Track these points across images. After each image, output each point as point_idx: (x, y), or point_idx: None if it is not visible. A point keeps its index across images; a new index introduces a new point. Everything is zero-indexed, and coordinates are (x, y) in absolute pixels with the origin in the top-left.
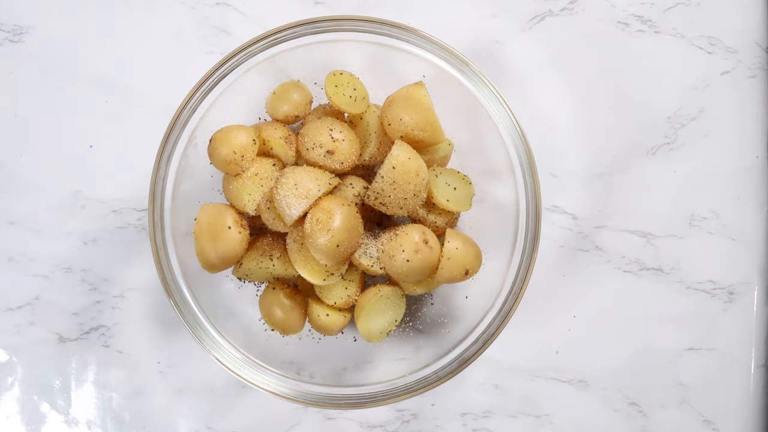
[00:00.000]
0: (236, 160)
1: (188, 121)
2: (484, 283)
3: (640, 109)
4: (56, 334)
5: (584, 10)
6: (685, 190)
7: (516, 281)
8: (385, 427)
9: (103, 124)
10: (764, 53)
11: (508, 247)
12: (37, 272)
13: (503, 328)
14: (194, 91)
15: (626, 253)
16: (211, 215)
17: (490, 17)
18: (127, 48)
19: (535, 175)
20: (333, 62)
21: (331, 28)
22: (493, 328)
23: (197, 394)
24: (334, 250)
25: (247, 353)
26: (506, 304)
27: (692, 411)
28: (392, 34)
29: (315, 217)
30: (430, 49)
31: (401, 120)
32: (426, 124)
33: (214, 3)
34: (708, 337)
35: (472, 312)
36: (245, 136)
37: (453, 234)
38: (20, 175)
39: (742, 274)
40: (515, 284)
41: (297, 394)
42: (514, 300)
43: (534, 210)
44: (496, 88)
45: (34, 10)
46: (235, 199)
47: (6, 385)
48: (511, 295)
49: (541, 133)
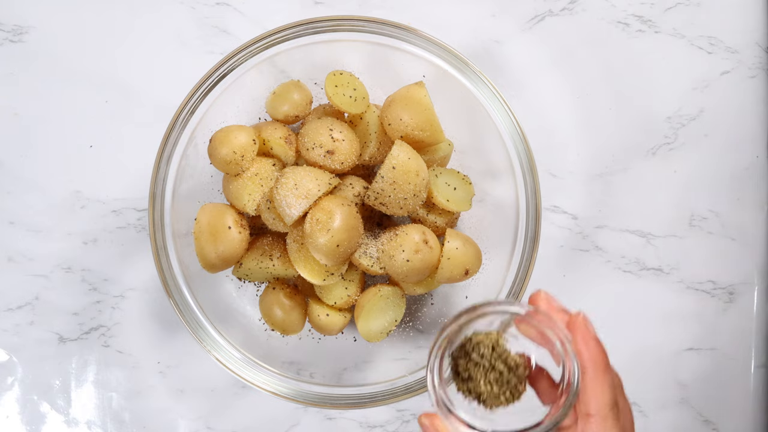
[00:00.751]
0: (236, 160)
1: (188, 121)
2: (484, 283)
3: (640, 109)
4: (56, 334)
5: (584, 10)
6: (685, 190)
7: (516, 281)
8: (385, 427)
9: (103, 124)
10: (764, 53)
11: (508, 247)
12: (37, 272)
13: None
14: (194, 91)
15: (626, 253)
16: (211, 215)
17: (490, 17)
18: (127, 48)
19: (535, 175)
20: (333, 62)
21: (331, 28)
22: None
23: (197, 394)
24: (334, 250)
25: (247, 353)
26: None
27: (692, 411)
28: (392, 34)
29: (315, 217)
30: (430, 49)
31: (401, 120)
32: (426, 124)
33: (214, 3)
34: (708, 337)
35: None
36: (245, 136)
37: (453, 234)
38: (20, 175)
39: (742, 274)
40: (515, 284)
41: (297, 394)
42: (514, 300)
43: (534, 210)
44: (496, 89)
45: (34, 10)
46: (235, 199)
47: (6, 385)
48: (511, 295)
49: (541, 133)
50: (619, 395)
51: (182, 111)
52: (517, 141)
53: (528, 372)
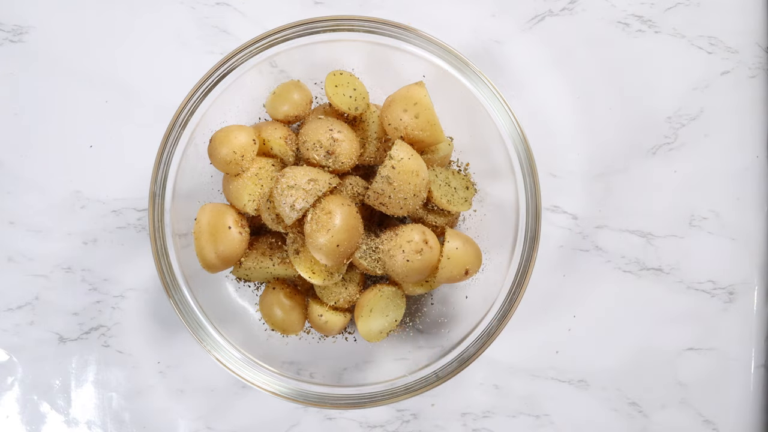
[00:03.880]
0: (236, 160)
1: (188, 121)
2: (484, 283)
3: (640, 109)
4: (56, 334)
5: (584, 10)
6: (685, 190)
7: (516, 281)
8: (385, 427)
9: (103, 124)
10: (764, 53)
11: (508, 247)
12: (37, 272)
13: (503, 328)
14: (194, 91)
15: (626, 253)
16: (211, 215)
17: (490, 17)
18: (127, 48)
19: (535, 175)
20: (333, 62)
21: (331, 28)
22: (493, 328)
23: (197, 394)
24: (334, 250)
25: (247, 353)
26: (506, 304)
27: (692, 411)
28: (392, 33)
29: (315, 217)
30: (430, 49)
31: (401, 120)
32: (426, 124)
33: (214, 3)
34: (708, 337)
35: (472, 312)
36: (245, 136)
37: (453, 234)
38: (20, 175)
39: (742, 274)
40: (515, 284)
41: (297, 394)
42: (514, 300)
43: (534, 209)
44: (496, 89)
45: (34, 10)
46: (235, 199)
47: (6, 385)
48: (511, 295)
49: (541, 133)
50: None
51: (182, 111)
52: (517, 141)
53: None
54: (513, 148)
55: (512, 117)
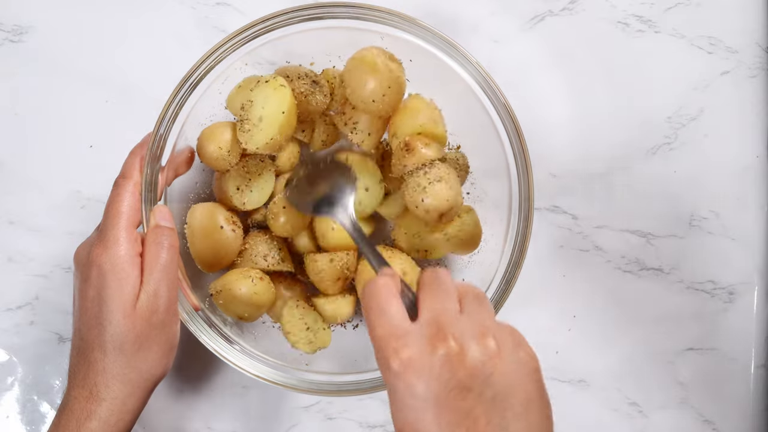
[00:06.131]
0: (223, 156)
1: (176, 118)
2: (481, 263)
3: (640, 109)
4: (56, 334)
5: (584, 10)
6: (685, 190)
7: (505, 278)
8: (385, 427)
9: (103, 124)
10: (764, 53)
11: (501, 244)
12: (37, 272)
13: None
14: (178, 88)
15: (626, 253)
16: (202, 216)
17: (490, 16)
18: (127, 48)
19: (530, 173)
20: (324, 51)
21: (318, 15)
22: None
23: (197, 394)
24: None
25: (247, 346)
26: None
27: (692, 411)
28: (378, 19)
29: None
30: (425, 37)
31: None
32: (430, 123)
33: (214, 3)
34: (708, 337)
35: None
36: (231, 131)
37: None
38: (20, 175)
39: (742, 274)
40: (504, 281)
41: (298, 383)
42: (501, 295)
43: (527, 206)
44: (496, 88)
45: (34, 10)
46: (224, 194)
47: (6, 385)
48: (499, 290)
49: (541, 133)
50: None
51: (170, 106)
52: (516, 141)
53: None
54: (511, 148)
55: (512, 117)
